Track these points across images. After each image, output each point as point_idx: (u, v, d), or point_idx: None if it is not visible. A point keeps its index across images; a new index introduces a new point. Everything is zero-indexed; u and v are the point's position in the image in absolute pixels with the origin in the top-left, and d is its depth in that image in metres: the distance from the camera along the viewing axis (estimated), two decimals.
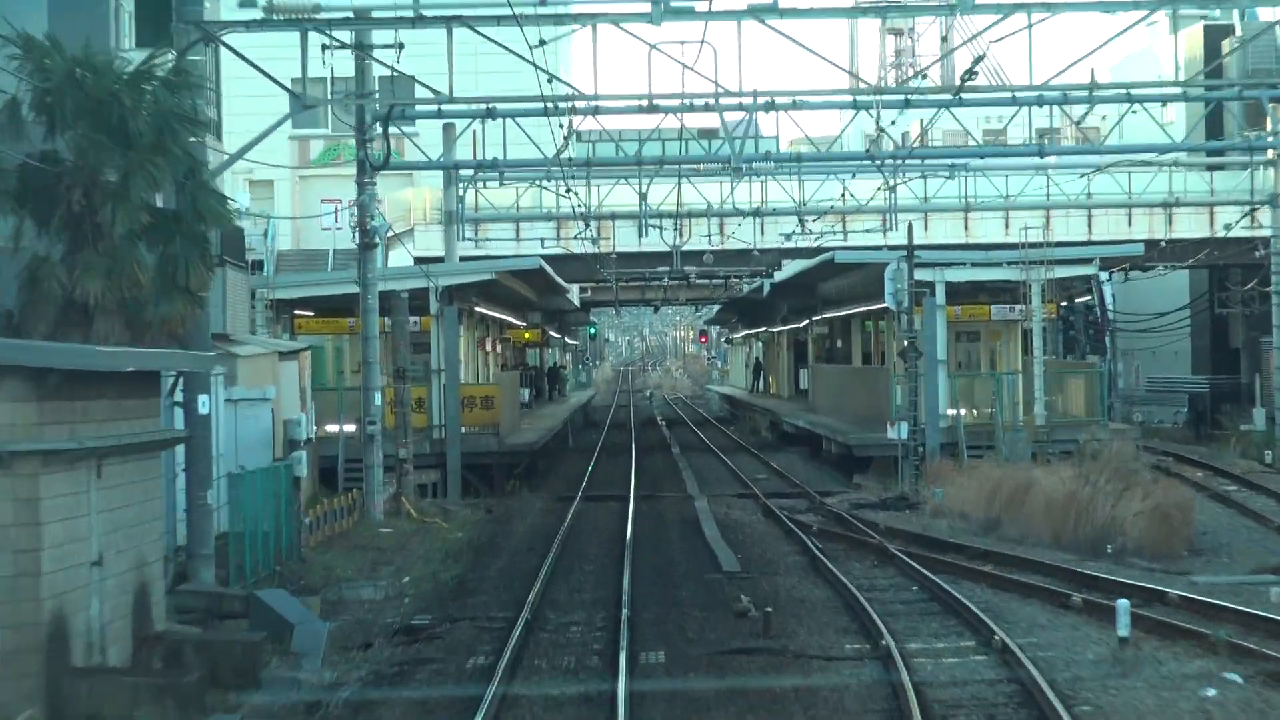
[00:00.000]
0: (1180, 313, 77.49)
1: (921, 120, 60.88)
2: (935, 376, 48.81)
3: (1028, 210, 68.39)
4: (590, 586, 30.96)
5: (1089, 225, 68.92)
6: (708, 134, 69.90)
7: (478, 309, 54.82)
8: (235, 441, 34.29)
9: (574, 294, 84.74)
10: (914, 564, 32.07)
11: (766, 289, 76.80)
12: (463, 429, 50.50)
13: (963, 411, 50.72)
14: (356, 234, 44.44)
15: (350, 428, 48.00)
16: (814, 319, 73.02)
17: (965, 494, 41.03)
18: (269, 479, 31.38)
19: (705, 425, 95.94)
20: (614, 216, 60.88)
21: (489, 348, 67.81)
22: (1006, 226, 68.93)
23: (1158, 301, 79.06)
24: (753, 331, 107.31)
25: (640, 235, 69.81)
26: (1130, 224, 69.23)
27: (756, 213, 59.06)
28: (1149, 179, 66.87)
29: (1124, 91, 44.17)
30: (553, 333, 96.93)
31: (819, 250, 63.82)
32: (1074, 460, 42.05)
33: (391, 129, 45.43)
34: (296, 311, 52.82)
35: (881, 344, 65.24)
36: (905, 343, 47.85)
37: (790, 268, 68.56)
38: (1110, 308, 79.86)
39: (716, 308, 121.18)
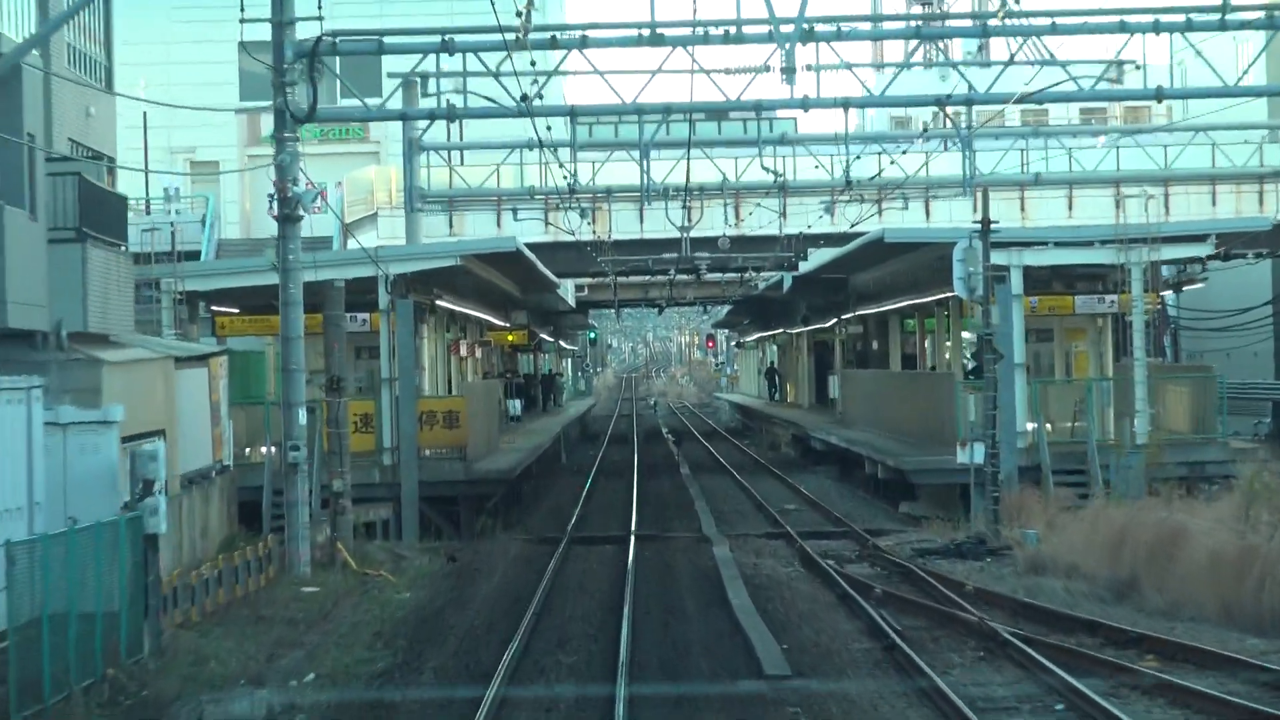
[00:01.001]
0: (1263, 309, 67.21)
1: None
2: (1013, 384, 38.75)
3: (1096, 187, 58.61)
4: (567, 705, 20.85)
5: (1166, 206, 58.95)
6: (718, 115, 60.24)
7: (443, 304, 44.72)
8: (64, 482, 24.27)
9: (568, 291, 74.59)
10: (1041, 658, 22.01)
11: (787, 284, 66.72)
12: (422, 452, 40.56)
13: (1046, 427, 40.64)
14: (275, 203, 34.45)
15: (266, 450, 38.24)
16: (843, 317, 63.02)
17: (1071, 540, 31.03)
18: (98, 540, 21.34)
19: (716, 438, 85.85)
20: (610, 193, 50.78)
21: (465, 352, 57.82)
22: (1070, 208, 59.12)
23: (1228, 297, 68.80)
24: (767, 334, 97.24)
25: (641, 219, 59.92)
26: (1215, 203, 59.51)
27: (782, 187, 48.96)
28: (1245, 153, 57.39)
29: (1266, 14, 34.36)
30: (545, 335, 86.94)
31: (850, 236, 53.85)
32: (1215, 492, 32.04)
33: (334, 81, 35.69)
34: (217, 308, 42.79)
35: (928, 344, 55.16)
36: (975, 343, 37.85)
37: (819, 256, 58.49)
38: (1171, 303, 69.61)
39: (726, 309, 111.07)
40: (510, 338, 63.72)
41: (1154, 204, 54.12)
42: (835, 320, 65.71)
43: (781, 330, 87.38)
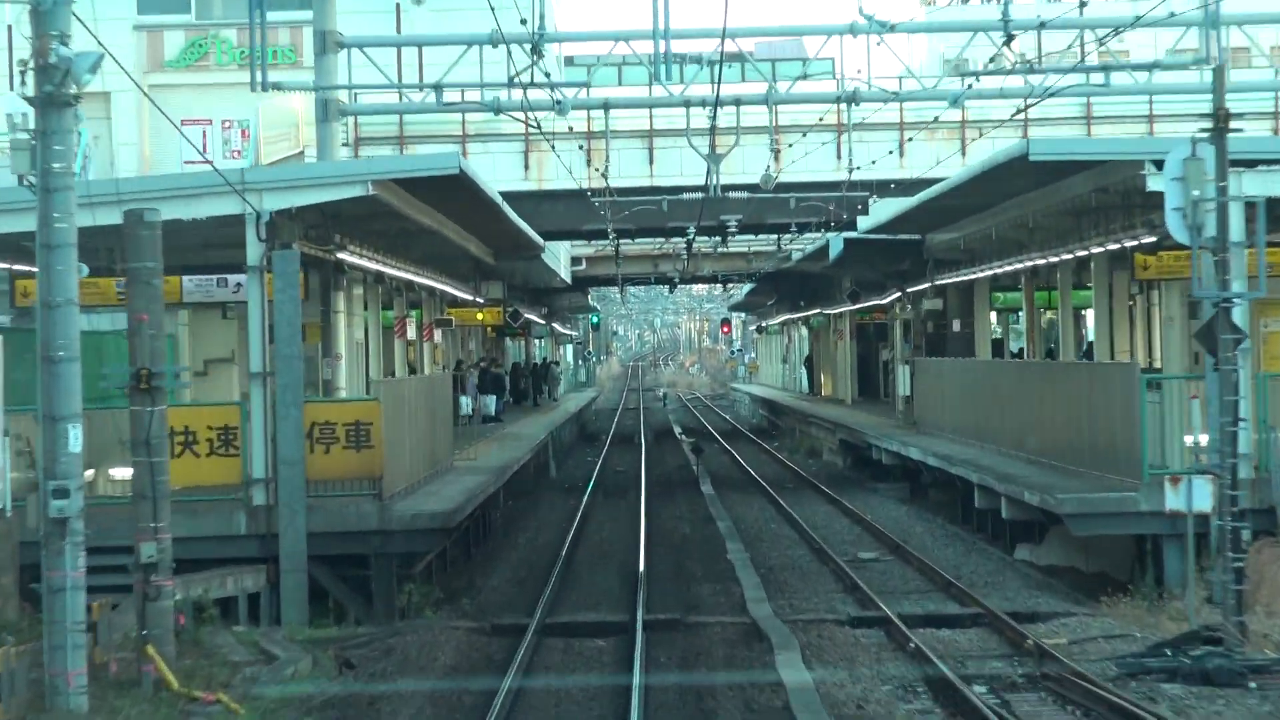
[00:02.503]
0: None
1: None
2: (1237, 383, 24.29)
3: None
4: None
5: None
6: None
7: (356, 259, 30.30)
8: None
9: (559, 260, 60.26)
10: None
11: (835, 251, 52.39)
12: (316, 486, 26.42)
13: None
14: (27, 75, 20.43)
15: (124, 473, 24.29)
16: (912, 290, 48.65)
17: None
18: None
19: (739, 440, 71.57)
20: (606, 107, 36.55)
21: (414, 335, 43.49)
22: None
23: None
24: (797, 315, 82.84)
25: (651, 158, 45.75)
26: None
27: (852, 98, 34.60)
28: None
29: None
30: (533, 317, 72.70)
31: (924, 182, 39.75)
32: None
33: None
34: (17, 267, 28.61)
35: (1044, 323, 40.89)
36: (1198, 317, 23.60)
37: (884, 208, 44.24)
38: None
39: (748, 288, 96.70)
40: (481, 317, 49.16)
41: None
42: (897, 295, 51.37)
43: (817, 311, 73.01)
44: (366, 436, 26.15)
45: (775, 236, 50.82)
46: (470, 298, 46.42)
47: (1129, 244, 28.14)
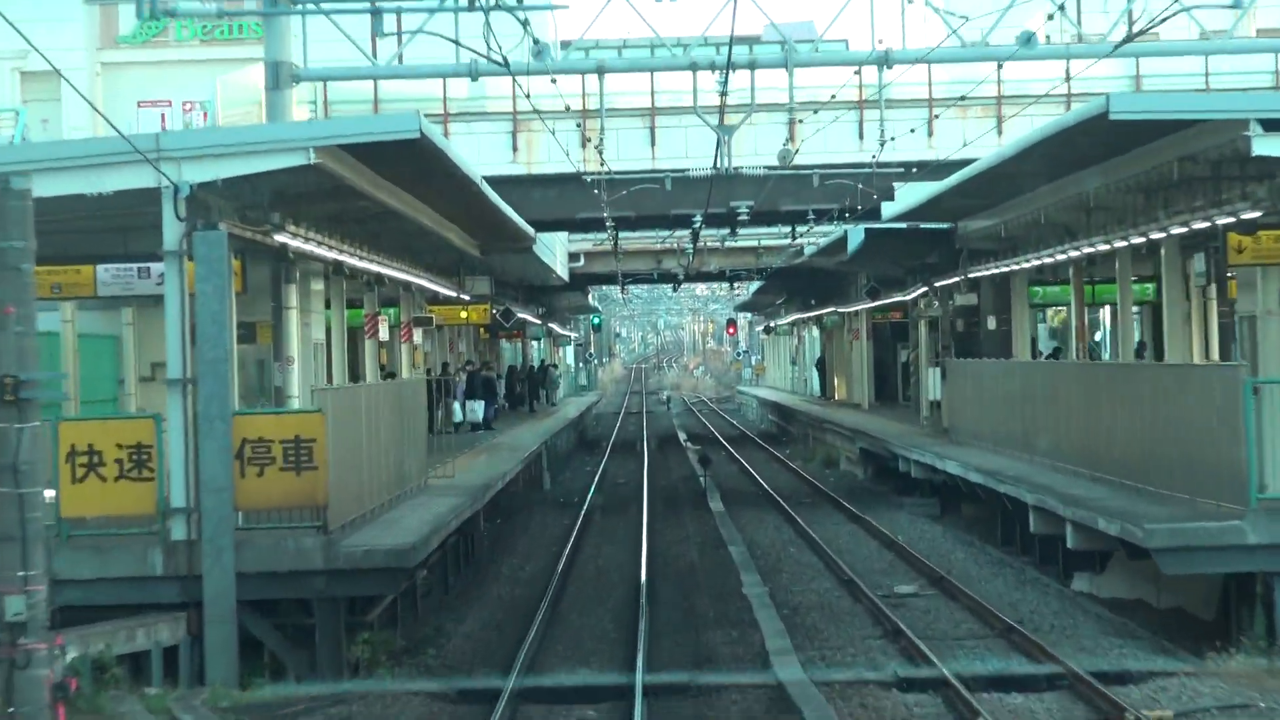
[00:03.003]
0: None
1: None
2: None
3: None
4: None
5: None
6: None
7: (300, 243, 25.57)
8: None
9: (553, 253, 55.79)
10: None
11: (854, 244, 47.92)
12: (249, 517, 21.98)
13: None
14: None
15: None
16: (940, 284, 44.11)
17: None
18: None
19: (748, 446, 67.07)
20: (601, 72, 32.04)
21: (386, 334, 38.91)
22: None
23: None
24: (809, 315, 78.36)
25: (653, 138, 41.25)
26: None
27: (884, 60, 30.05)
28: None
29: None
30: (528, 316, 68.23)
31: (955, 165, 35.39)
32: None
33: None
34: None
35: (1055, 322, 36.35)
36: None
37: (912, 193, 39.79)
38: None
39: (755, 287, 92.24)
40: (466, 315, 44.54)
41: None
42: (922, 290, 46.85)
43: (831, 309, 68.50)
44: (308, 456, 21.61)
45: (789, 228, 46.17)
46: (454, 294, 41.89)
47: (1223, 221, 23.54)
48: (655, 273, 68.30)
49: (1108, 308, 45.11)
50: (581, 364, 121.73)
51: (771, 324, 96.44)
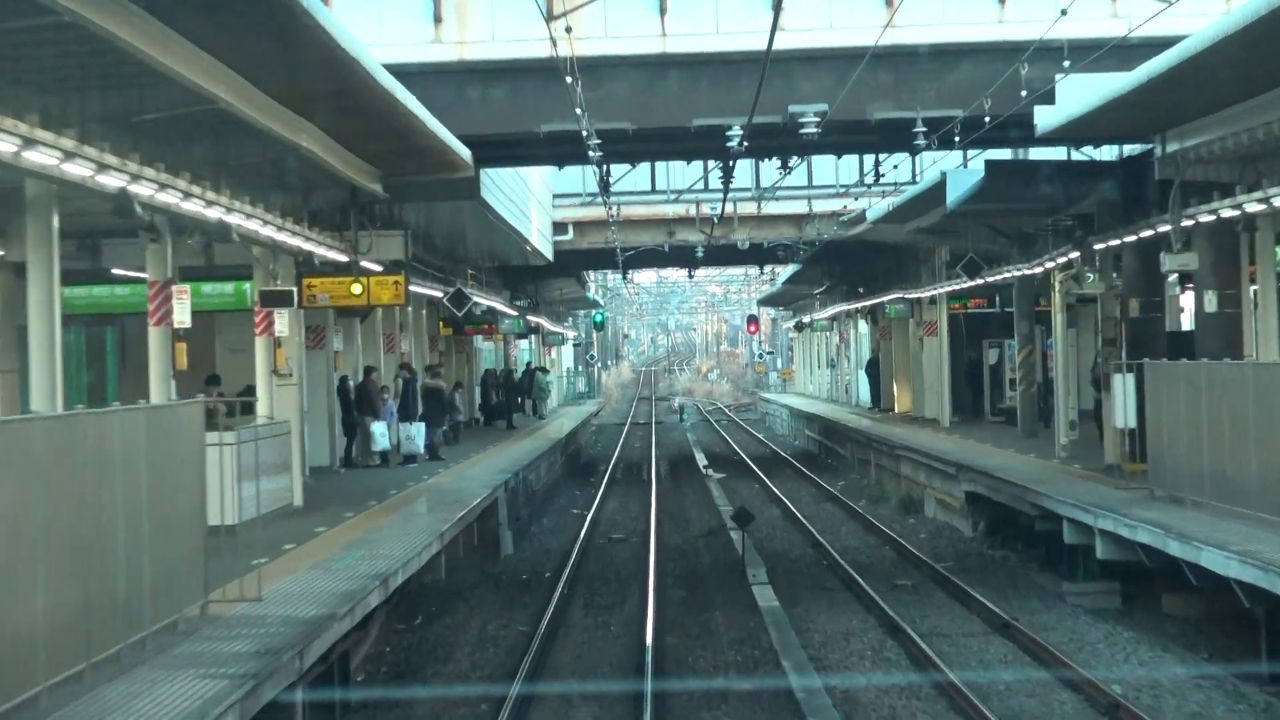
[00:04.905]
0: None
1: None
2: None
3: None
4: None
5: None
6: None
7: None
8: None
9: (533, 225, 40.10)
10: None
11: (961, 186, 32.27)
12: None
13: None
14: None
15: None
16: (1100, 244, 28.33)
17: None
18: None
19: (786, 476, 51.36)
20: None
21: (184, 317, 23.15)
22: None
23: None
24: (860, 305, 62.64)
25: (661, 7, 25.60)
26: None
27: None
28: None
29: None
30: (500, 305, 52.57)
31: (1150, 48, 19.75)
32: None
33: None
34: None
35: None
36: None
37: (1085, 89, 24.07)
38: None
39: (786, 274, 76.41)
40: (359, 291, 27.73)
41: None
42: (1066, 256, 31.17)
43: (896, 295, 52.73)
44: None
45: (873, 160, 30.14)
46: (330, 250, 25.93)
47: None
48: (666, 244, 52.26)
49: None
50: (580, 368, 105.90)
51: (807, 319, 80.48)
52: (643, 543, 34.32)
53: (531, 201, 42.77)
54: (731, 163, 30.92)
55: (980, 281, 39.77)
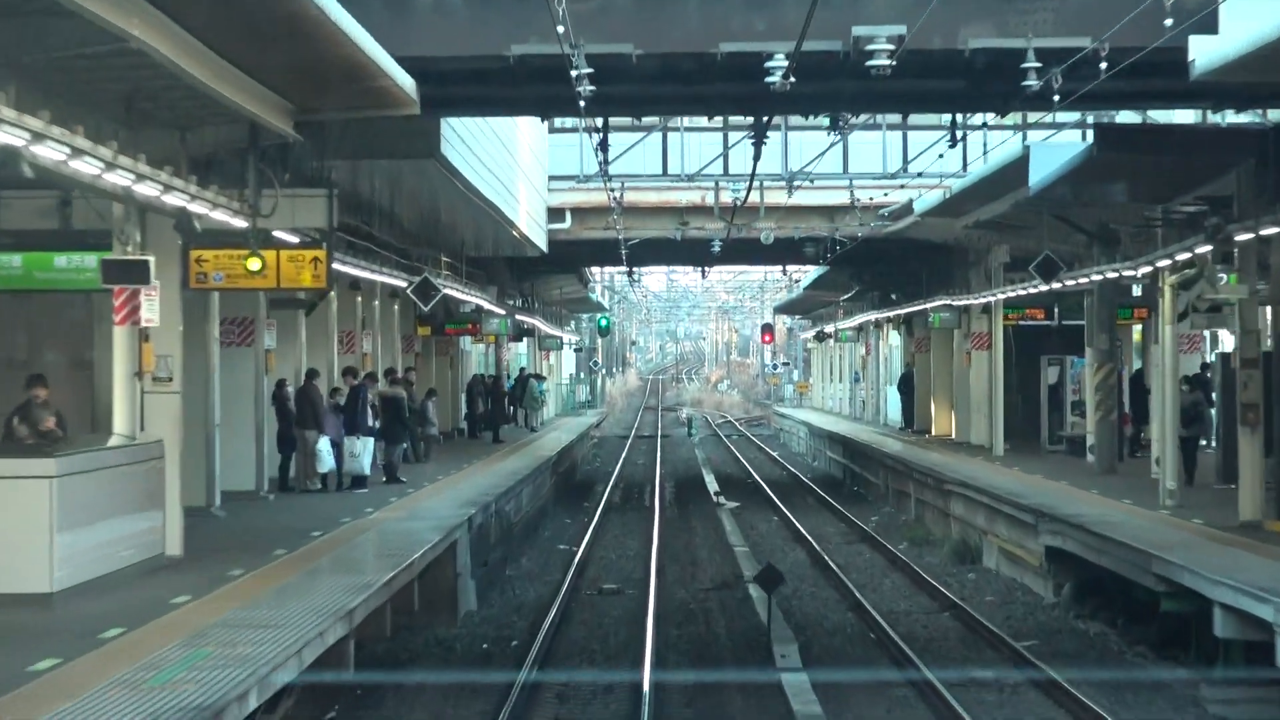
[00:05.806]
0: None
1: None
2: None
3: None
4: None
5: None
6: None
7: None
8: None
9: (520, 202, 33.40)
10: None
11: (1056, 162, 25.55)
12: None
13: None
14: None
15: None
16: (1244, 234, 21.70)
17: None
18: None
19: (808, 507, 44.59)
20: None
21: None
22: None
23: None
24: (894, 312, 55.87)
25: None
26: None
27: None
28: None
29: None
30: (485, 302, 45.86)
31: None
32: None
33: None
34: None
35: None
36: None
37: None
38: None
39: (809, 278, 69.68)
40: (260, 267, 20.59)
41: None
42: (1190, 250, 24.47)
43: (941, 303, 45.93)
44: None
45: (949, 121, 23.54)
46: (240, 223, 19.06)
47: None
48: (679, 235, 45.25)
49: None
50: (581, 376, 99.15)
51: (829, 328, 73.60)
52: (640, 595, 27.60)
53: (519, 178, 36.01)
54: (765, 124, 24.08)
55: (1056, 286, 32.89)
